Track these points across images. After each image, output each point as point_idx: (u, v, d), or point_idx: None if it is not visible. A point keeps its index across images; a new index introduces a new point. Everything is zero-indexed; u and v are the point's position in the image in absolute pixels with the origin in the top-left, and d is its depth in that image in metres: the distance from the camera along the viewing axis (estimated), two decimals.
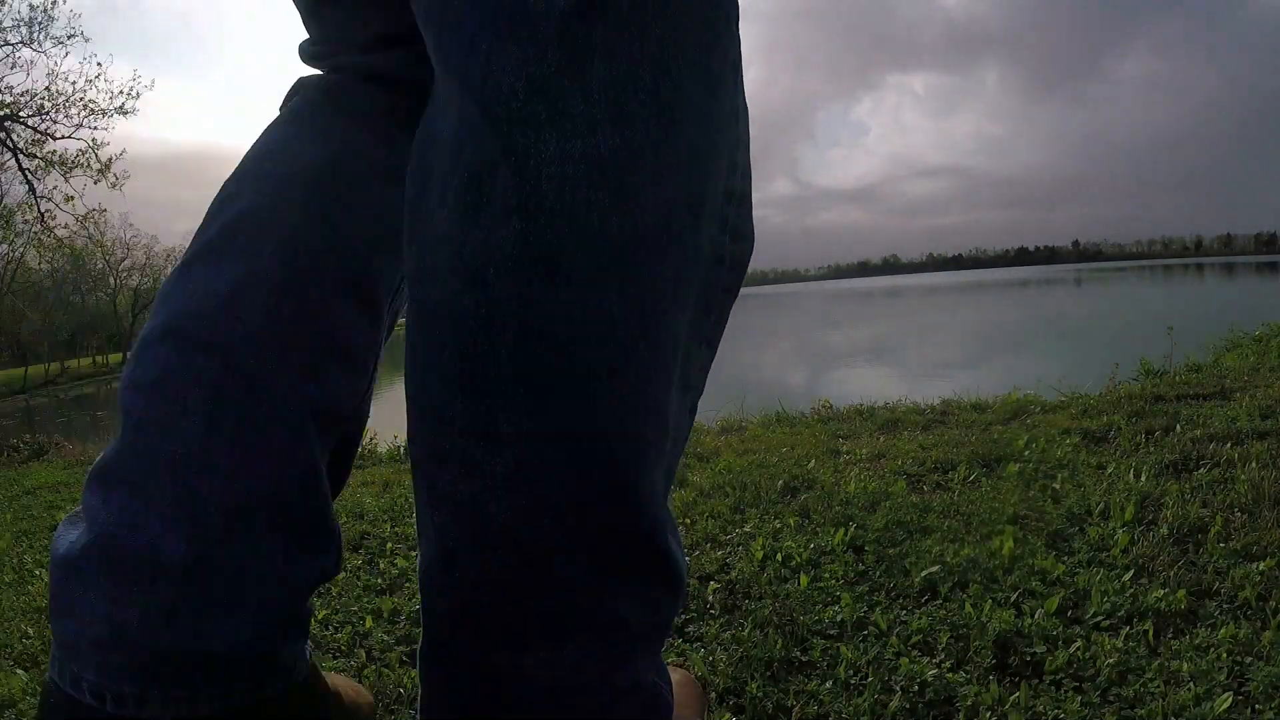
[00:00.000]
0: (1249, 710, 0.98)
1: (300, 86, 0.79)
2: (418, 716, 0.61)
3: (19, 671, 1.46)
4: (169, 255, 59.39)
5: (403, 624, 1.47)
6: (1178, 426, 2.17)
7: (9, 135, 14.01)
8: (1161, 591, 1.26)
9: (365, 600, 1.60)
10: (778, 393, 2.80)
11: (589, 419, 0.49)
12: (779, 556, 1.56)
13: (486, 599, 0.52)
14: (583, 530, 0.51)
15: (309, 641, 0.79)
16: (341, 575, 1.77)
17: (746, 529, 1.74)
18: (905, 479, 1.98)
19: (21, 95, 14.01)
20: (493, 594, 0.52)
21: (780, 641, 1.23)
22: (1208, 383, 2.86)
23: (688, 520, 1.85)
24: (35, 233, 14.63)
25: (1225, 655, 1.08)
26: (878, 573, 1.45)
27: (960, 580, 1.38)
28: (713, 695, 1.12)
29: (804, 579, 1.44)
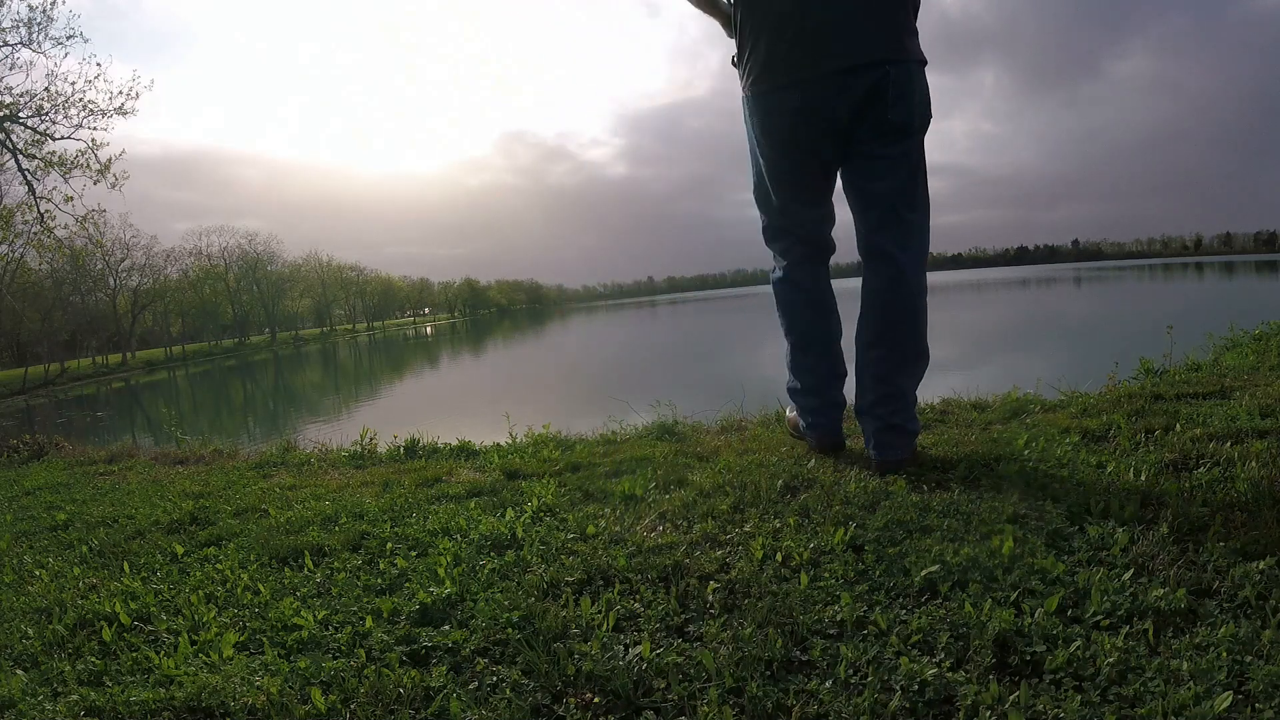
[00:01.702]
0: (1249, 709, 0.98)
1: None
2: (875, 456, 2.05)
3: (19, 672, 1.46)
4: (169, 255, 59.43)
5: (403, 624, 1.47)
6: (1177, 425, 2.17)
7: (8, 136, 13.99)
8: (1161, 590, 1.26)
9: (365, 600, 1.60)
10: (777, 392, 2.80)
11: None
12: (779, 556, 1.56)
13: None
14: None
15: None
16: (342, 575, 1.77)
17: (746, 528, 1.74)
18: (905, 478, 1.98)
19: (21, 96, 14.00)
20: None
21: (780, 641, 1.23)
22: (1207, 382, 2.85)
23: (687, 520, 1.85)
24: (35, 233, 14.61)
25: (1225, 654, 1.08)
26: (878, 572, 1.45)
27: (960, 579, 1.38)
28: (714, 694, 1.12)
29: (804, 578, 1.44)
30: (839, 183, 2.16)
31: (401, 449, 3.58)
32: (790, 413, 2.58)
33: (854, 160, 2.05)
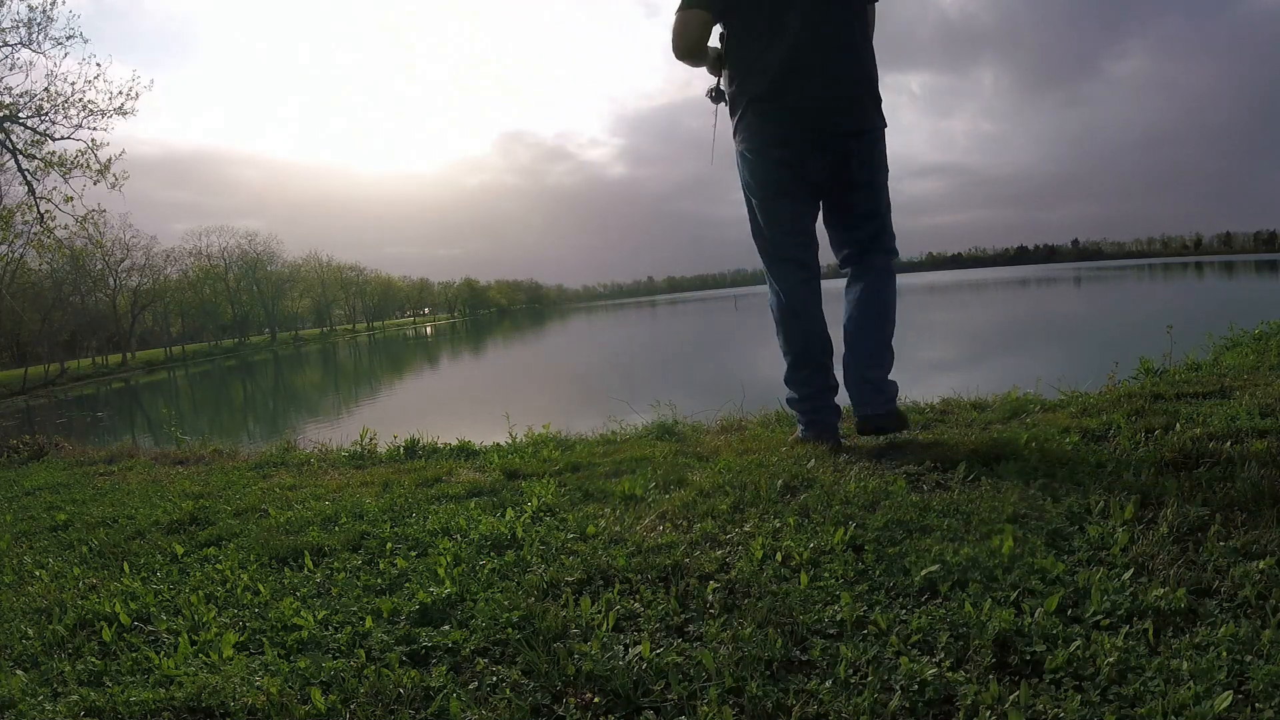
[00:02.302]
0: (1249, 709, 0.98)
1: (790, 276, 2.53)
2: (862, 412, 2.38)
3: (19, 672, 1.46)
4: (168, 256, 59.37)
5: (403, 624, 1.47)
6: (1177, 425, 2.17)
7: (8, 136, 13.95)
8: (1161, 590, 1.26)
9: (365, 600, 1.60)
10: (777, 392, 2.80)
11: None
12: (779, 556, 1.56)
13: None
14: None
15: None
16: (342, 575, 1.77)
17: (746, 528, 1.74)
18: (905, 478, 1.98)
19: (20, 96, 13.97)
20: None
21: (780, 641, 1.23)
22: (1207, 381, 2.85)
23: (687, 520, 1.85)
24: (35, 233, 14.56)
25: (1225, 654, 1.08)
26: (877, 572, 1.45)
27: (960, 579, 1.38)
28: (714, 694, 1.12)
29: (804, 578, 1.44)
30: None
31: (401, 449, 3.58)
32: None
33: (829, 208, 2.51)
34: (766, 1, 2.33)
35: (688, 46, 2.44)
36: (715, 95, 2.64)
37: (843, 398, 2.52)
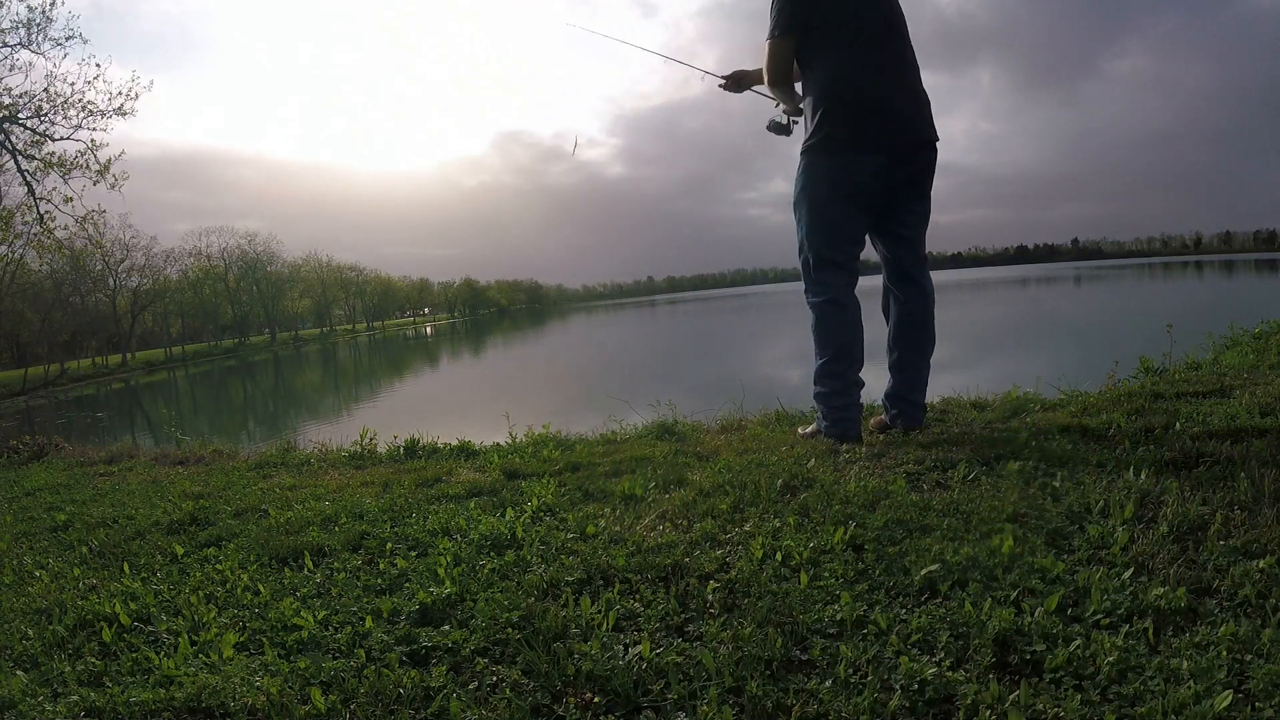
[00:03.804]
0: (1249, 708, 0.98)
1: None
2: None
3: (19, 672, 1.46)
4: (168, 256, 59.32)
5: (403, 624, 1.47)
6: (1177, 424, 2.17)
7: (8, 137, 13.94)
8: (1161, 589, 1.26)
9: (365, 600, 1.60)
10: (777, 392, 2.80)
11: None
12: (778, 555, 1.56)
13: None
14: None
15: None
16: (342, 575, 1.77)
17: (746, 528, 1.74)
18: (905, 477, 1.98)
19: (20, 97, 13.96)
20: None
21: (780, 640, 1.23)
22: (1207, 380, 2.85)
23: (687, 520, 1.85)
24: (35, 234, 14.56)
25: (1225, 653, 1.08)
26: (877, 571, 1.45)
27: (960, 579, 1.38)
28: (713, 694, 1.12)
29: (804, 578, 1.44)
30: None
31: (401, 449, 3.58)
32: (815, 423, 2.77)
33: (896, 211, 2.58)
34: (844, 20, 2.43)
35: (781, 74, 2.57)
36: (778, 126, 2.76)
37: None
